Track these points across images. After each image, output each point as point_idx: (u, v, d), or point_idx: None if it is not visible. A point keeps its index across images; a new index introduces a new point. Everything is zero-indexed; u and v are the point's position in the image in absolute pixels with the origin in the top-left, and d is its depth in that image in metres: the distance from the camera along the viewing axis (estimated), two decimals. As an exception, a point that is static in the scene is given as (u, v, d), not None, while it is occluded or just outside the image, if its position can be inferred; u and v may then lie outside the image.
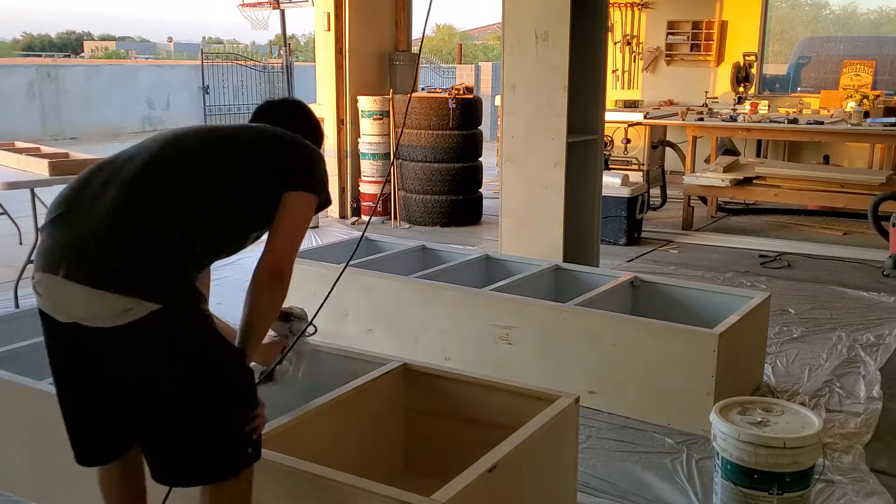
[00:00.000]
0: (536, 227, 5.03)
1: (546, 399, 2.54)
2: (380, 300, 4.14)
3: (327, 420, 2.53)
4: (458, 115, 7.45)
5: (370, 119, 7.69)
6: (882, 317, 4.80)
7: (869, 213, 6.24)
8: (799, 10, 12.19)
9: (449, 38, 38.97)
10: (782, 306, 4.94)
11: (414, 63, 8.22)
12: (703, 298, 3.97)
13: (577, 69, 4.97)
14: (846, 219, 7.57)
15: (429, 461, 2.80)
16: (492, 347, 3.78)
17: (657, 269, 5.90)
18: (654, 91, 10.58)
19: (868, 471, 2.99)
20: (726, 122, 7.99)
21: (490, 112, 14.23)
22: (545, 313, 3.68)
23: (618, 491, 2.87)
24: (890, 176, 6.90)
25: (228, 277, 5.72)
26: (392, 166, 7.51)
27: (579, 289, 4.11)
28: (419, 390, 2.80)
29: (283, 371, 2.46)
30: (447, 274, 4.27)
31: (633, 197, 6.70)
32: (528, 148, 5.00)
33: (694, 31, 10.37)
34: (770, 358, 4.08)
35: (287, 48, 12.97)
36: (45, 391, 2.64)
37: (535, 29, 4.85)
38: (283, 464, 2.12)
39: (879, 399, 3.62)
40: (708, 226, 7.61)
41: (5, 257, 6.18)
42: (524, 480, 2.30)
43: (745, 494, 2.52)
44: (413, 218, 7.61)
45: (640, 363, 3.43)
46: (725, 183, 7.15)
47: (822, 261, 6.25)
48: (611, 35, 10.41)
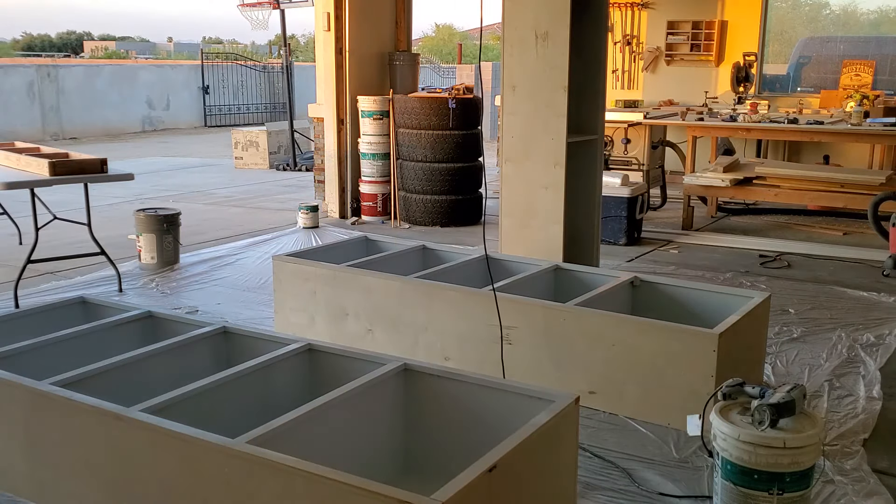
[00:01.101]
0: (536, 227, 5.03)
1: (546, 399, 2.54)
2: (380, 300, 4.14)
3: (327, 420, 2.53)
4: (457, 115, 7.46)
5: (370, 119, 7.70)
6: (882, 317, 4.80)
7: (869, 213, 6.25)
8: (799, 10, 12.19)
9: (449, 38, 38.97)
10: (782, 306, 4.94)
11: (414, 63, 8.23)
12: (703, 298, 3.97)
13: (577, 69, 4.97)
14: (846, 219, 7.57)
15: (429, 461, 2.80)
16: (492, 347, 3.78)
17: (657, 269, 5.90)
18: (654, 91, 10.58)
19: (868, 471, 2.99)
20: (726, 122, 7.99)
21: (490, 112, 14.24)
22: (545, 313, 3.68)
23: (618, 491, 2.87)
24: (890, 176, 6.91)
25: (228, 277, 5.73)
26: (392, 166, 7.52)
27: (579, 289, 4.12)
28: (419, 390, 2.80)
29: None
30: (447, 274, 4.27)
31: (633, 197, 6.70)
32: (528, 148, 5.00)
33: (694, 31, 10.37)
34: (770, 358, 4.08)
35: (287, 48, 12.96)
36: (45, 391, 2.64)
37: (535, 29, 4.85)
38: (283, 464, 2.12)
39: (879, 399, 3.62)
40: (708, 226, 7.61)
41: (5, 257, 6.18)
42: (524, 480, 2.30)
43: (745, 494, 2.53)
44: (413, 218, 7.61)
45: (640, 363, 3.43)
46: (725, 183, 7.15)
47: (822, 261, 6.25)
48: (611, 35, 10.41)
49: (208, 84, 19.73)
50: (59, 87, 16.89)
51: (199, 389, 2.69)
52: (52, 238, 5.91)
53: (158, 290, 5.43)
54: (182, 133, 18.68)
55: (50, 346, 3.19)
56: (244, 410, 2.80)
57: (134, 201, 8.72)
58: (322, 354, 3.04)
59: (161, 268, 5.88)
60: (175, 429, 2.34)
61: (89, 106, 17.45)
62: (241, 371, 2.84)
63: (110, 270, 5.48)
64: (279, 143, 12.14)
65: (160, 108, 19.23)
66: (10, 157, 5.41)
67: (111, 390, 2.79)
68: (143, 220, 5.91)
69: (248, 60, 21.38)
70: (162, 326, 3.47)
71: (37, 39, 53.48)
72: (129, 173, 5.32)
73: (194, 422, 2.40)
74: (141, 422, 2.41)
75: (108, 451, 2.51)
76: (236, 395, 2.81)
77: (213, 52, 22.07)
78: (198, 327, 3.31)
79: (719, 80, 10.29)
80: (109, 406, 2.49)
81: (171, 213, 6.02)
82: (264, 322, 4.64)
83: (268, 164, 11.85)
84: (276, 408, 2.78)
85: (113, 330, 3.40)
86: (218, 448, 2.24)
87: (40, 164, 5.01)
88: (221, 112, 20.00)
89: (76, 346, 3.24)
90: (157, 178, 10.82)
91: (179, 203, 8.46)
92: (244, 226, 7.59)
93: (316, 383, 3.00)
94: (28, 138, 12.97)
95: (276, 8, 12.07)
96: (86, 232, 5.36)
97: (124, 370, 2.96)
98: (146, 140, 17.09)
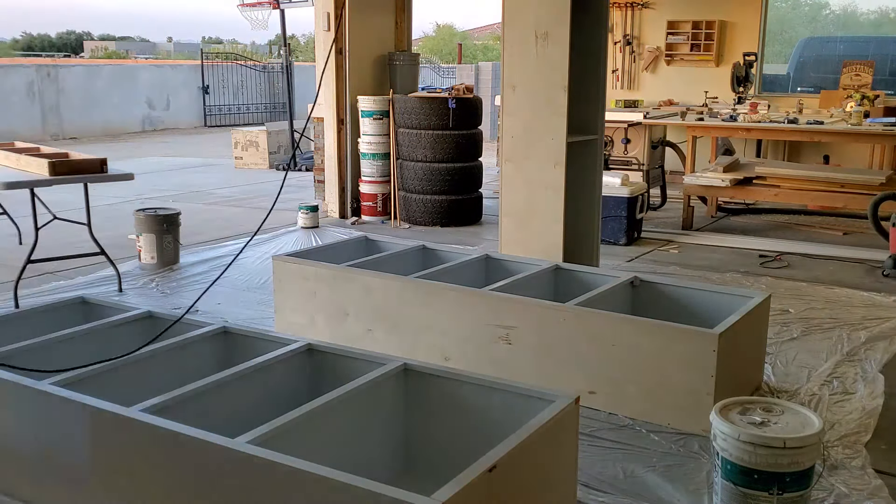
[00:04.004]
0: (536, 227, 5.03)
1: (546, 399, 2.54)
2: (380, 300, 4.14)
3: (327, 420, 2.53)
4: (457, 115, 7.46)
5: (370, 119, 7.70)
6: (882, 316, 4.80)
7: (869, 213, 6.24)
8: (799, 10, 12.19)
9: (449, 38, 38.97)
10: (782, 306, 4.94)
11: (414, 63, 8.23)
12: (703, 298, 3.97)
13: (577, 69, 4.97)
14: (846, 219, 7.57)
15: (429, 461, 2.80)
16: (492, 347, 3.79)
17: (657, 269, 5.90)
18: (654, 91, 10.58)
19: (869, 471, 2.99)
20: (726, 122, 7.99)
21: (490, 112, 14.24)
22: (545, 313, 3.68)
23: (618, 491, 2.87)
24: (890, 176, 6.91)
25: (228, 277, 5.73)
26: (392, 166, 7.52)
27: (579, 289, 4.12)
28: (419, 390, 2.80)
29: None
30: (447, 274, 4.27)
31: (633, 197, 6.70)
32: (528, 148, 5.00)
33: (694, 31, 10.37)
34: (770, 358, 4.08)
35: (287, 48, 12.96)
36: (45, 391, 2.64)
37: (535, 29, 4.85)
38: (284, 464, 2.12)
39: (880, 399, 3.62)
40: (708, 226, 7.61)
41: (5, 257, 6.18)
42: (524, 480, 2.30)
43: (745, 494, 2.53)
44: (413, 218, 7.61)
45: (640, 363, 3.43)
46: (725, 183, 7.15)
47: (822, 261, 6.25)
48: (611, 35, 10.41)
49: (208, 84, 19.73)
50: (59, 86, 16.89)
51: (199, 389, 2.69)
52: (52, 238, 5.91)
53: (158, 290, 5.43)
54: (182, 133, 18.68)
55: (50, 346, 3.19)
56: (244, 410, 2.80)
57: (134, 201, 8.73)
58: (322, 354, 3.04)
59: (161, 268, 5.88)
60: (175, 429, 2.34)
61: (89, 106, 17.44)
62: (241, 371, 2.84)
63: (110, 270, 5.48)
64: (279, 143, 12.14)
65: (160, 108, 19.22)
66: (9, 157, 5.41)
67: (111, 390, 2.79)
68: (142, 220, 5.91)
69: (248, 60, 21.38)
70: (162, 326, 3.47)
71: (37, 39, 53.46)
72: (129, 173, 5.32)
73: (194, 422, 2.40)
74: (141, 422, 2.41)
75: (108, 451, 2.51)
76: (236, 395, 2.81)
77: (213, 52, 22.08)
78: (198, 327, 3.31)
79: (719, 80, 10.27)
80: (109, 406, 2.50)
81: (170, 213, 6.02)
82: (264, 322, 4.64)
83: (268, 164, 11.85)
84: (276, 408, 2.78)
85: (113, 330, 3.40)
86: (218, 448, 2.24)
87: (40, 164, 5.01)
88: (221, 112, 20.00)
89: (76, 346, 3.24)
90: (156, 178, 10.82)
91: (179, 203, 8.46)
92: (244, 226, 7.59)
93: (316, 383, 3.00)
94: (28, 138, 12.96)
95: (276, 8, 12.07)
96: (86, 232, 5.36)
97: (124, 370, 2.96)
98: (146, 140, 17.08)
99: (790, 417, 2.61)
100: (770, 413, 2.63)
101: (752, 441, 2.48)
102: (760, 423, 2.56)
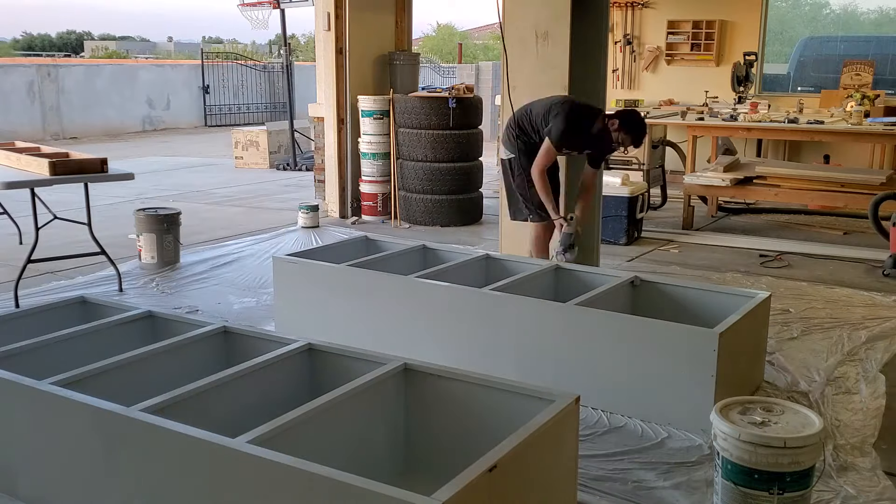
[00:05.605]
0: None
1: (546, 399, 2.54)
2: (380, 300, 4.14)
3: (327, 420, 2.53)
4: (458, 115, 7.45)
5: (370, 119, 7.70)
6: (882, 316, 4.80)
7: (869, 212, 6.24)
8: (799, 10, 12.19)
9: (449, 38, 38.95)
10: (782, 306, 4.93)
11: (414, 63, 8.23)
12: (703, 298, 3.97)
13: (577, 69, 4.96)
14: (846, 219, 7.57)
15: (429, 461, 2.80)
16: (492, 347, 3.78)
17: (657, 268, 5.90)
18: (655, 91, 10.58)
19: (879, 472, 2.98)
20: (726, 121, 7.99)
21: (490, 112, 14.22)
22: (545, 313, 3.68)
23: (617, 491, 2.87)
24: (890, 176, 6.91)
25: (228, 277, 5.73)
26: (392, 166, 7.51)
27: (579, 289, 4.11)
28: (419, 390, 2.80)
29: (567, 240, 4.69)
30: (447, 274, 4.27)
31: (633, 197, 6.70)
32: (528, 148, 4.98)
33: (694, 31, 10.36)
34: (770, 357, 4.07)
35: (287, 48, 12.95)
36: (45, 391, 2.64)
37: (535, 29, 4.85)
38: (284, 464, 2.12)
39: (882, 399, 3.62)
40: (708, 225, 7.61)
41: (5, 257, 6.18)
42: (524, 480, 2.30)
43: (746, 494, 2.53)
44: (413, 218, 7.61)
45: (640, 363, 3.43)
46: (725, 183, 7.15)
47: (822, 260, 6.25)
48: (611, 35, 10.40)
49: (208, 84, 19.71)
50: (59, 86, 16.88)
51: (199, 389, 2.69)
52: (53, 238, 5.91)
53: (158, 289, 5.43)
54: (182, 133, 18.67)
55: (50, 346, 3.19)
56: (244, 410, 2.80)
57: (134, 201, 8.72)
58: (322, 354, 3.04)
59: (161, 267, 5.88)
60: (175, 429, 2.34)
61: (89, 105, 17.43)
62: (241, 371, 2.84)
63: (110, 270, 5.48)
64: (279, 143, 12.14)
65: (160, 108, 19.21)
66: (10, 156, 5.41)
67: (111, 390, 2.78)
68: (143, 220, 5.91)
69: (248, 60, 21.38)
70: (162, 326, 3.47)
71: (37, 39, 53.41)
72: (130, 173, 5.32)
73: (194, 422, 2.40)
74: (141, 422, 2.41)
75: (108, 451, 2.51)
76: (236, 395, 2.80)
77: (214, 52, 22.05)
78: (198, 327, 3.31)
79: (719, 79, 10.27)
80: (109, 406, 2.49)
81: (171, 213, 6.02)
82: (264, 322, 4.63)
83: (268, 164, 11.85)
84: (276, 408, 2.77)
85: (113, 330, 3.40)
86: (218, 448, 2.24)
87: (40, 163, 5.00)
88: (221, 112, 19.98)
89: (76, 346, 3.24)
90: (157, 177, 10.82)
91: (179, 203, 8.46)
92: (244, 225, 7.59)
93: (316, 383, 3.00)
94: (28, 138, 12.95)
95: (276, 7, 12.06)
96: (86, 232, 5.36)
97: (124, 370, 2.96)
98: (146, 140, 17.08)
99: (790, 417, 2.61)
100: (770, 413, 2.63)
101: (753, 441, 2.48)
102: (761, 423, 2.56)
